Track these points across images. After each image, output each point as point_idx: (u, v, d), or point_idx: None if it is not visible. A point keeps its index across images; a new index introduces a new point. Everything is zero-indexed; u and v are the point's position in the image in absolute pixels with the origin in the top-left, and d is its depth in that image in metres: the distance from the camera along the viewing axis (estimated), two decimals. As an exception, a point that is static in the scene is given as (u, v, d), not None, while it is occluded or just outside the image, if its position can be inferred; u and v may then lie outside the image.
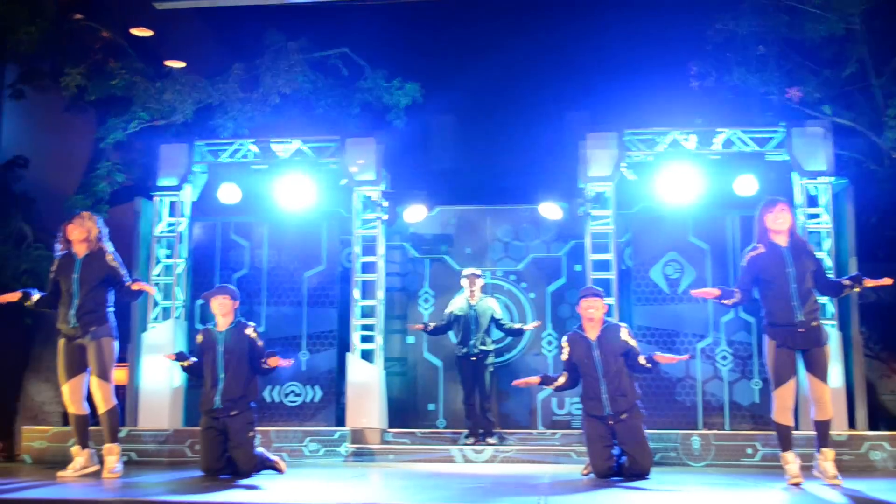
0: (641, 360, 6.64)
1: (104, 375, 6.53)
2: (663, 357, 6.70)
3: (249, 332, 6.98)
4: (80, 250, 6.65)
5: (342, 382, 9.87)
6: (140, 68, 10.23)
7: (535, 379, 6.92)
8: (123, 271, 6.76)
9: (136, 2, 10.85)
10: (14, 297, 6.64)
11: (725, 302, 6.25)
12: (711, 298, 6.31)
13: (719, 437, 8.54)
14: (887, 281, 6.09)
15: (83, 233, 6.63)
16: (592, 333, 6.71)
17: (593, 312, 6.71)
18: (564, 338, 6.91)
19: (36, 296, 6.71)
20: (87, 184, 10.13)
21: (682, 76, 10.61)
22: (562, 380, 6.82)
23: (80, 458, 6.58)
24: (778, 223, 6.06)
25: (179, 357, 7.23)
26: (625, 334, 6.73)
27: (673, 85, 10.61)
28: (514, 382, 7.06)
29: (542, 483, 6.30)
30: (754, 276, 6.12)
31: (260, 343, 6.99)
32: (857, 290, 6.22)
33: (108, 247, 6.73)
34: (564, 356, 6.81)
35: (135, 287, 6.72)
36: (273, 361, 6.87)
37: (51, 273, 6.76)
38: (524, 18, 12.04)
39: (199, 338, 7.10)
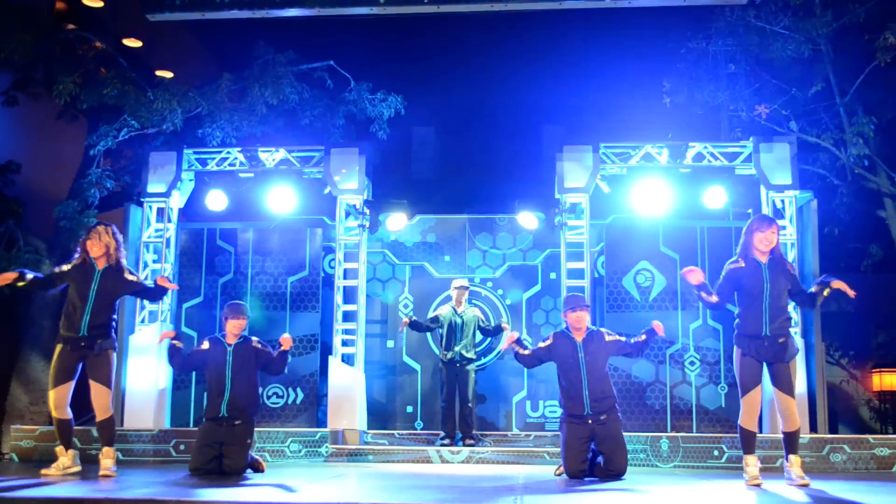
0: (639, 337, 7.04)
1: (107, 384, 6.65)
2: (659, 326, 7.07)
3: (254, 343, 7.32)
4: (100, 263, 6.73)
5: (323, 385, 10.08)
6: (131, 78, 10.31)
7: (514, 335, 7.21)
8: (140, 278, 6.92)
9: (129, 13, 10.94)
10: (11, 276, 6.68)
11: (703, 295, 6.40)
12: (695, 283, 6.41)
13: (687, 440, 8.73)
14: (852, 293, 6.24)
15: (102, 248, 6.71)
16: (578, 337, 7.01)
17: (581, 323, 7.03)
18: (552, 331, 7.25)
19: (30, 275, 6.75)
20: (77, 189, 10.19)
21: (656, 92, 10.91)
22: (528, 352, 7.12)
23: (64, 458, 6.70)
24: (764, 244, 6.29)
25: (177, 337, 7.37)
26: (608, 337, 7.05)
27: (646, 101, 10.93)
28: (501, 348, 7.21)
29: (516, 483, 6.42)
30: (732, 288, 6.37)
31: (265, 348, 7.35)
32: (826, 292, 6.33)
33: (124, 259, 6.86)
34: (544, 344, 7.09)
35: (159, 282, 6.90)
36: (284, 341, 7.33)
37: (62, 268, 6.76)
38: (504, 35, 12.27)
39: (206, 345, 7.29)
